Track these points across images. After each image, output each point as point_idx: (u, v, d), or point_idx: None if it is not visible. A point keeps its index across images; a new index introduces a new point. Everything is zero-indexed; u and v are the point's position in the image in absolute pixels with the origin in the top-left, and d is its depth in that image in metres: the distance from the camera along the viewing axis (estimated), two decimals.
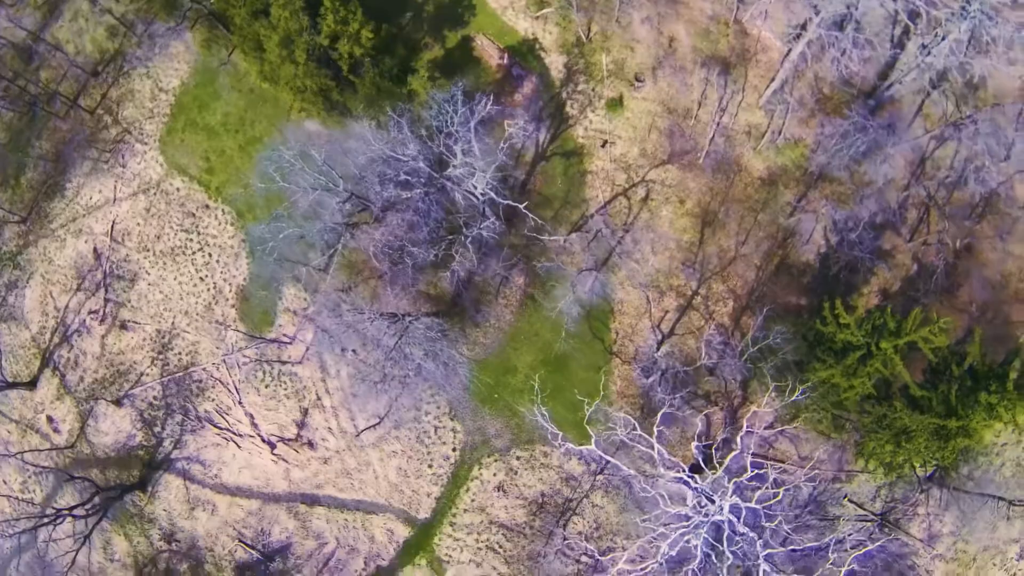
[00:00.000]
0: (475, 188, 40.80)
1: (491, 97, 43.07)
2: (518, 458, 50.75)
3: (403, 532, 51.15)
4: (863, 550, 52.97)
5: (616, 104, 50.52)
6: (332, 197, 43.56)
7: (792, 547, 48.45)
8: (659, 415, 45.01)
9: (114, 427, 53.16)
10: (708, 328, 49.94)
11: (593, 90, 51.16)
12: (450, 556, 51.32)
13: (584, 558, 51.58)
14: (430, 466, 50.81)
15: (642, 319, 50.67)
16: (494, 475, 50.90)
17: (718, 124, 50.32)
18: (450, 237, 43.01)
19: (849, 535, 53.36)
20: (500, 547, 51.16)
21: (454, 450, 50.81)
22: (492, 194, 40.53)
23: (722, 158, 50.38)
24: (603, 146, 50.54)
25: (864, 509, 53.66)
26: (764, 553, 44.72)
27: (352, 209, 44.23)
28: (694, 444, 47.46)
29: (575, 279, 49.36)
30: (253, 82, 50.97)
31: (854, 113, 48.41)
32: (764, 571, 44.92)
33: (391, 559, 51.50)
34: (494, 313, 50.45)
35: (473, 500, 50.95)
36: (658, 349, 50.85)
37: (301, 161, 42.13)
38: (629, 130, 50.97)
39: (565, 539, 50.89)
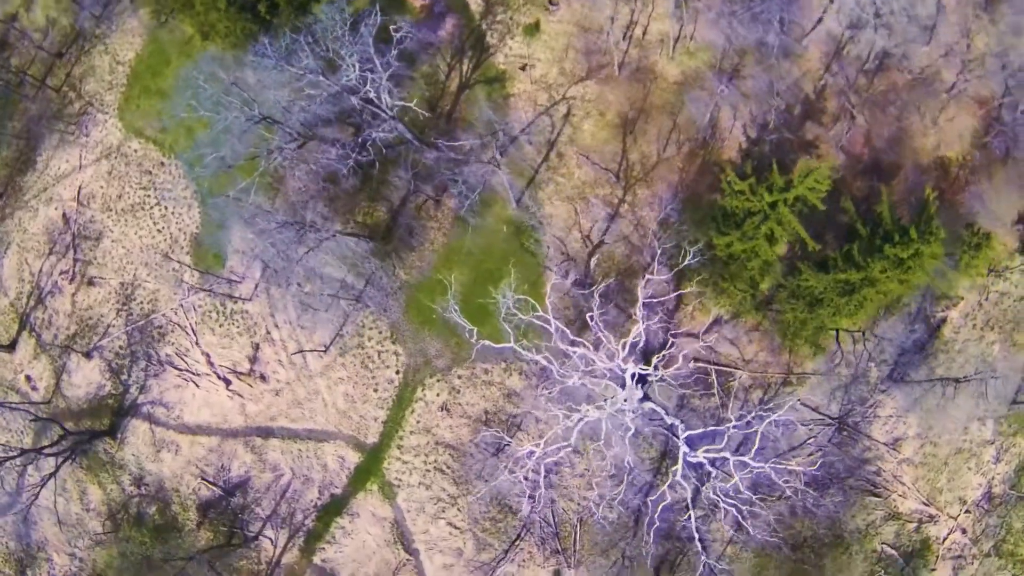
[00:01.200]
0: (375, 96, 44.13)
1: (389, 17, 46.70)
2: (459, 377, 52.63)
3: (353, 458, 53.23)
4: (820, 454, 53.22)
5: (533, 29, 53.57)
6: (257, 126, 47.63)
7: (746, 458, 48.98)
8: (594, 315, 46.39)
9: (85, 379, 57.05)
10: (637, 232, 51.81)
11: (511, 18, 54.38)
12: (400, 480, 53.06)
13: (531, 473, 52.81)
14: (375, 390, 53.07)
15: (572, 231, 52.69)
16: (437, 395, 52.80)
17: (631, 37, 52.90)
18: (358, 140, 46.26)
19: (807, 440, 53.65)
20: (448, 467, 52.74)
21: (397, 373, 53.02)
22: (386, 96, 43.75)
23: (637, 68, 52.71)
24: (523, 69, 53.50)
25: (820, 412, 53.77)
26: (683, 450, 45.45)
27: (278, 136, 48.21)
28: (622, 345, 48.53)
29: (503, 192, 52.02)
30: (196, 44, 56.01)
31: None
32: (683, 459, 45.72)
33: (344, 486, 53.51)
34: (427, 236, 53.19)
35: (418, 422, 52.84)
36: (590, 259, 52.67)
37: (214, 87, 46.81)
38: (547, 52, 53.85)
39: (511, 455, 52.43)
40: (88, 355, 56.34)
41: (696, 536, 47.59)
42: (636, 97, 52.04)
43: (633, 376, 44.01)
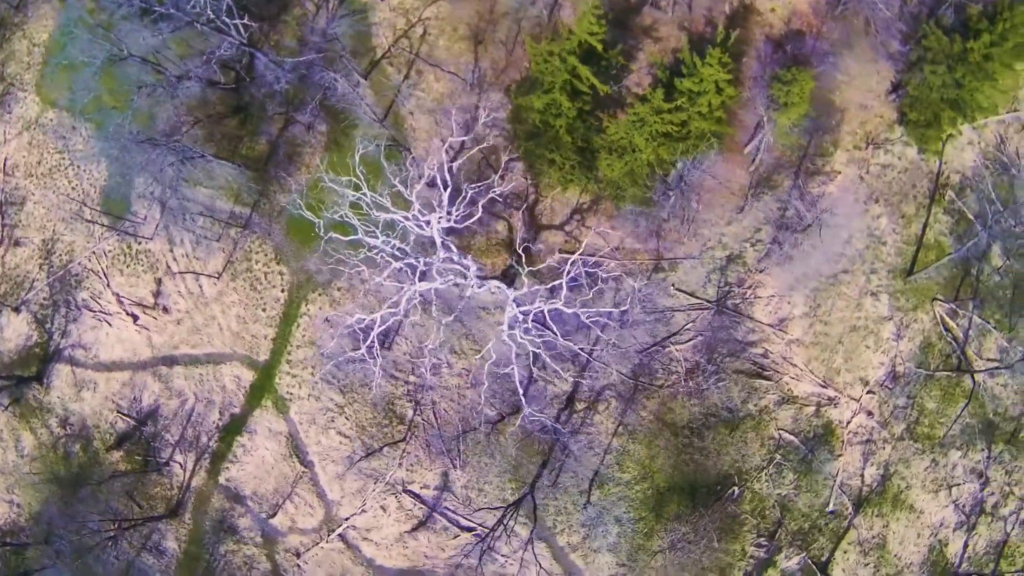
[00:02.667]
0: (225, 22, 49.55)
1: None
2: (339, 289, 56.47)
3: (248, 377, 57.20)
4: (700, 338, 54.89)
5: None
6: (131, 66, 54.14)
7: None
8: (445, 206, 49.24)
9: (15, 332, 62.99)
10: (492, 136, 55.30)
11: None
12: (291, 393, 56.73)
13: (411, 377, 55.84)
14: (264, 310, 57.23)
15: (432, 139, 56.52)
16: (320, 309, 56.58)
17: None
18: (210, 62, 51.66)
19: (685, 326, 55.37)
20: (334, 378, 56.24)
21: (283, 291, 57.15)
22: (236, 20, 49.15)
23: None
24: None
25: (696, 297, 55.45)
26: (510, 306, 47.59)
27: (148, 74, 54.23)
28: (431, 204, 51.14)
29: (368, 113, 56.15)
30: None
31: None
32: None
33: (241, 405, 57.39)
34: (303, 160, 57.76)
35: (304, 335, 56.64)
36: (452, 164, 56.25)
37: (86, 32, 53.23)
38: None
39: (391, 361, 55.66)
40: (17, 310, 62.44)
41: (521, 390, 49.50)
42: (484, 9, 56.23)
43: (441, 232, 46.78)
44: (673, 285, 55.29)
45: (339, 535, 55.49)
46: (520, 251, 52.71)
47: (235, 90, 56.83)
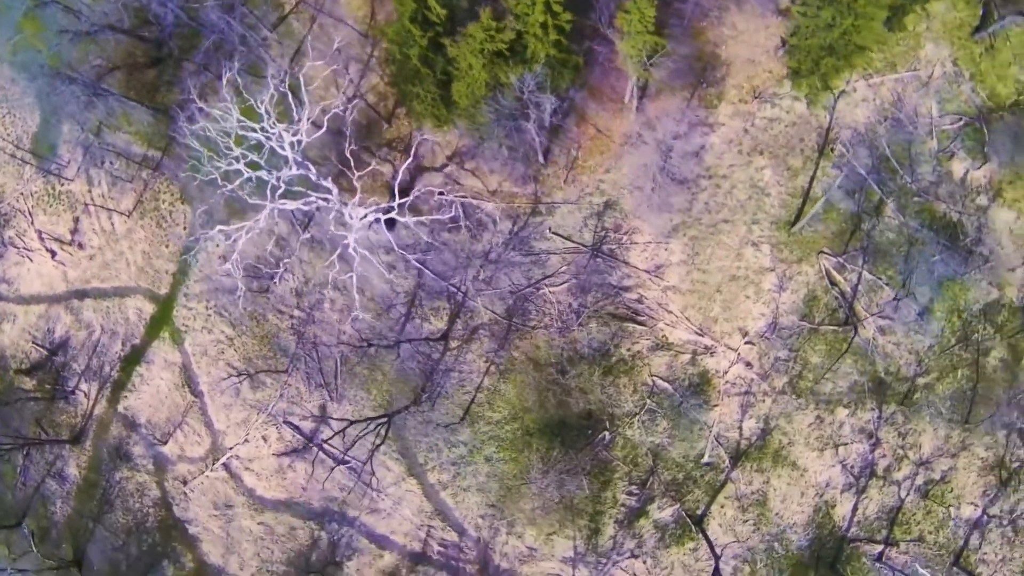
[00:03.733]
0: None
1: None
2: (236, 228, 60.50)
3: (149, 309, 61.23)
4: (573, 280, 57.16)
5: None
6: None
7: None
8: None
9: None
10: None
11: None
12: (186, 325, 60.54)
13: (296, 312, 59.20)
14: (167, 246, 61.41)
15: (330, 88, 60.38)
16: (217, 246, 60.43)
17: None
18: None
19: (560, 269, 57.70)
20: (225, 311, 59.89)
21: (184, 228, 61.47)
22: None
23: None
24: None
25: (573, 241, 57.75)
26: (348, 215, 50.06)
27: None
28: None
29: (273, 65, 60.28)
30: None
31: None
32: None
33: (141, 336, 61.44)
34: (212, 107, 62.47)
35: (201, 271, 60.56)
36: (348, 114, 60.04)
37: None
38: None
39: (279, 296, 59.18)
40: None
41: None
42: None
43: (296, 151, 50.19)
44: (550, 229, 57.64)
45: (223, 464, 58.91)
46: (397, 190, 55.87)
47: (154, 42, 61.84)
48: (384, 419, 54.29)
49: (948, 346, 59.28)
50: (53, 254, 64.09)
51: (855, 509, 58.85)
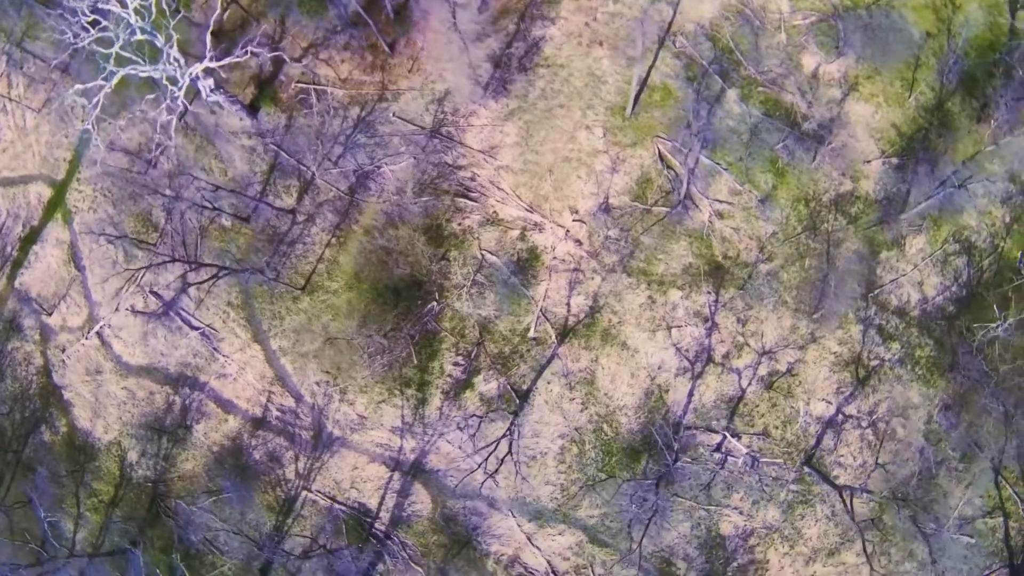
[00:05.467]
0: None
1: None
2: (125, 118, 69.10)
3: (47, 193, 70.02)
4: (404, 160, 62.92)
5: None
6: None
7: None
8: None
9: None
10: None
11: None
12: (76, 207, 68.69)
13: (168, 191, 66.82)
14: (67, 136, 70.59)
15: None
16: (108, 135, 69.16)
17: None
18: None
19: (400, 150, 63.68)
20: (109, 192, 67.92)
21: (82, 121, 70.48)
22: None
23: None
24: None
25: (414, 124, 63.67)
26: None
27: None
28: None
29: None
30: None
31: None
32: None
33: (39, 218, 70.38)
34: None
35: (91, 158, 69.15)
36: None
37: None
38: None
39: (154, 178, 67.13)
40: None
41: None
42: None
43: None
44: (393, 113, 63.65)
45: (96, 333, 66.61)
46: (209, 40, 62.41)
47: None
48: (217, 270, 60.78)
49: (793, 234, 61.71)
50: None
51: (691, 395, 61.31)
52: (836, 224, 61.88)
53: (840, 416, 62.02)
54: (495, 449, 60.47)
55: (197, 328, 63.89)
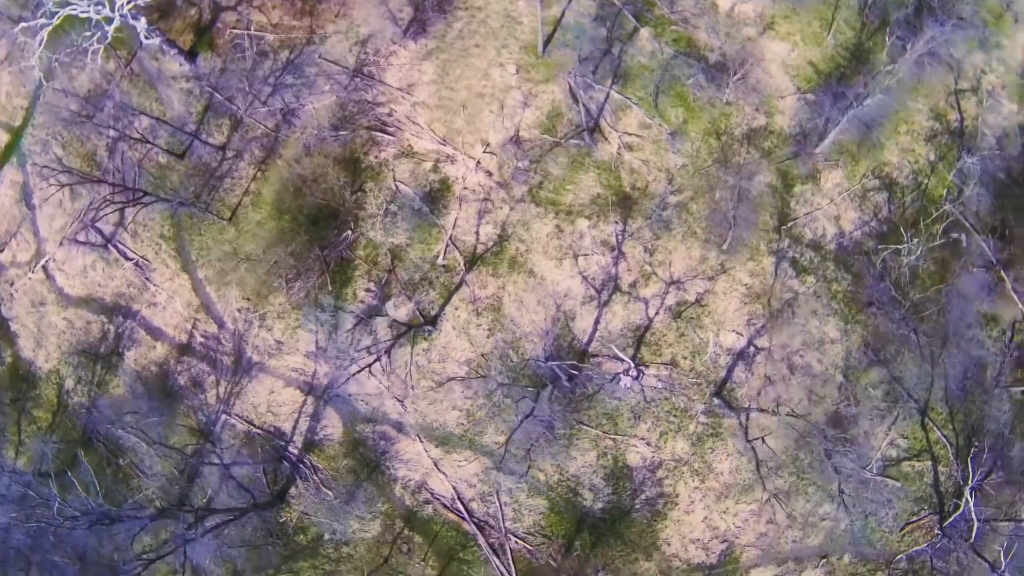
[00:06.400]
0: None
1: None
2: (76, 67, 74.81)
3: (4, 139, 76.17)
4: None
5: None
6: None
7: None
8: None
9: None
10: None
11: None
12: (30, 150, 74.38)
13: (111, 132, 72.03)
14: (24, 87, 76.67)
15: None
16: (60, 83, 74.94)
17: None
18: None
19: (324, 88, 68.02)
20: (60, 136, 73.51)
21: (40, 72, 76.58)
22: None
23: None
24: None
25: (338, 65, 67.98)
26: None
27: None
28: None
29: None
30: None
31: None
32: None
33: None
34: None
35: (46, 103, 75.08)
36: None
37: None
38: None
39: (99, 119, 72.52)
40: None
41: None
42: None
43: None
44: (320, 55, 68.08)
45: (43, 267, 71.83)
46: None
47: None
48: (152, 197, 65.44)
49: (704, 167, 64.11)
50: None
51: (597, 323, 63.63)
52: (748, 158, 64.06)
53: (751, 348, 63.56)
54: (406, 373, 63.46)
55: (131, 259, 68.49)
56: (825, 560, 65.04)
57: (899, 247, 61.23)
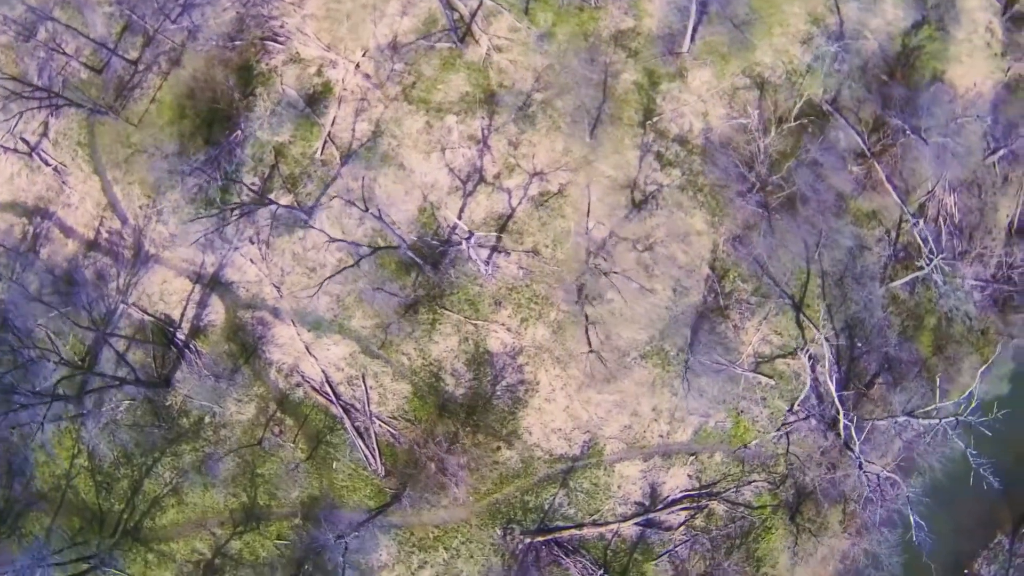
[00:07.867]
0: None
1: None
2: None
3: None
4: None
5: None
6: None
7: None
8: None
9: None
10: None
11: None
12: None
13: (41, 54, 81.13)
14: None
15: None
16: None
17: None
18: None
19: (225, 7, 75.91)
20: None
21: None
22: None
23: None
24: None
25: None
26: None
27: None
28: None
29: None
30: None
31: None
32: None
33: None
34: None
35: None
36: None
37: None
38: None
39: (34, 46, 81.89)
40: None
41: None
42: None
43: None
44: None
45: None
46: None
47: None
48: (56, 98, 73.91)
49: (568, 65, 69.37)
50: None
51: (461, 212, 68.71)
52: (616, 57, 69.04)
53: (614, 238, 67.64)
54: (281, 269, 69.45)
55: (51, 165, 76.99)
56: (694, 457, 67.48)
57: (741, 120, 64.76)
